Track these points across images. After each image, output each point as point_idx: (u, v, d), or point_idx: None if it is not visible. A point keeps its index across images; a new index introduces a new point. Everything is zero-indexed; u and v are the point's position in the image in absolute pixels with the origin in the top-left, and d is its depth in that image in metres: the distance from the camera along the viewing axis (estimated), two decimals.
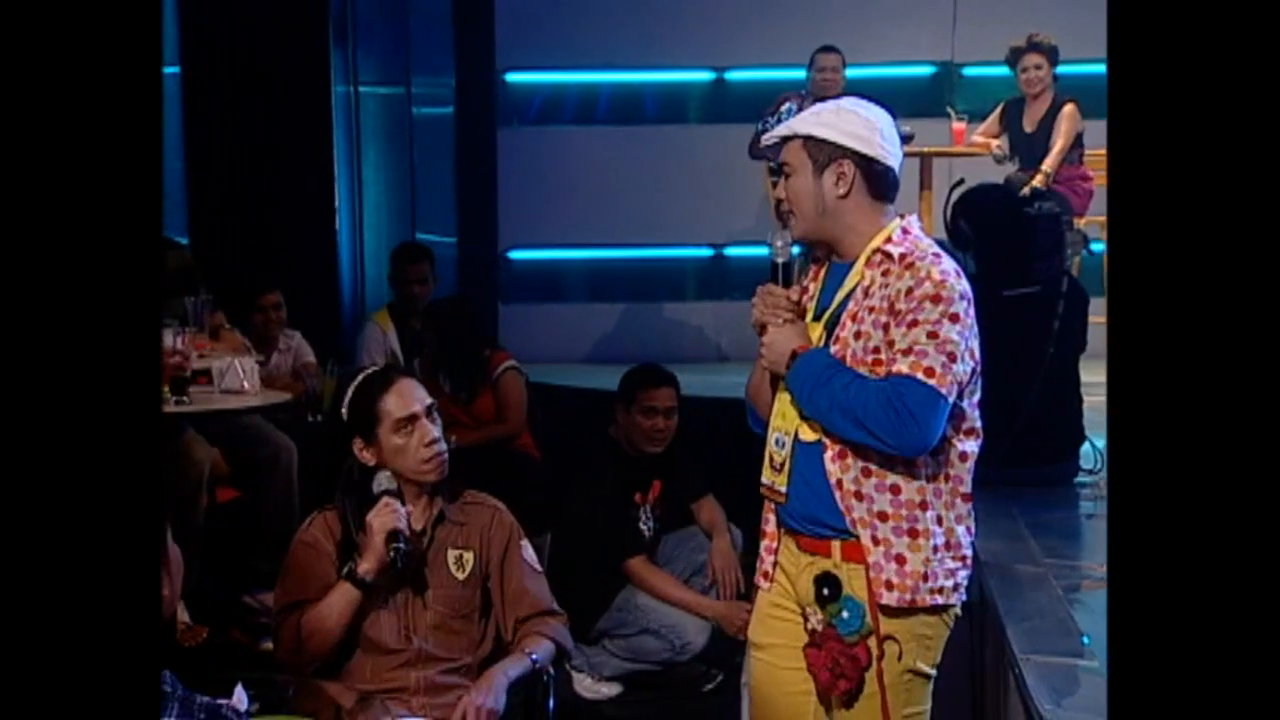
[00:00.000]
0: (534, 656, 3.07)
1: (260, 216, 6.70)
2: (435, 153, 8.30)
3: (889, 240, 2.63)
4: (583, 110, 8.47)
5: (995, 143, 7.00)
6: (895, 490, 2.60)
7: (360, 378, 3.17)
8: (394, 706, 2.96)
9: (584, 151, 8.34)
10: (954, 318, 2.54)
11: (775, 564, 2.79)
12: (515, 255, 8.48)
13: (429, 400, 3.10)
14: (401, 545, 2.94)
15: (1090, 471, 4.79)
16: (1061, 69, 6.90)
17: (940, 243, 2.72)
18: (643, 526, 4.74)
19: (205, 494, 4.82)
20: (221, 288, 5.33)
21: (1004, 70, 7.09)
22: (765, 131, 2.76)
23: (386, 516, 2.95)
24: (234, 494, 5.19)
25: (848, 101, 2.73)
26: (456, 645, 3.07)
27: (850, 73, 7.06)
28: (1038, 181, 6.47)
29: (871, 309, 2.60)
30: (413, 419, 3.03)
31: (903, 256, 2.59)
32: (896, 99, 7.91)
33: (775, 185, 6.79)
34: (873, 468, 2.60)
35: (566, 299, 8.60)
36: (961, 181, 5.13)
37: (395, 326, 6.05)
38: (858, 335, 2.61)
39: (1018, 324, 4.64)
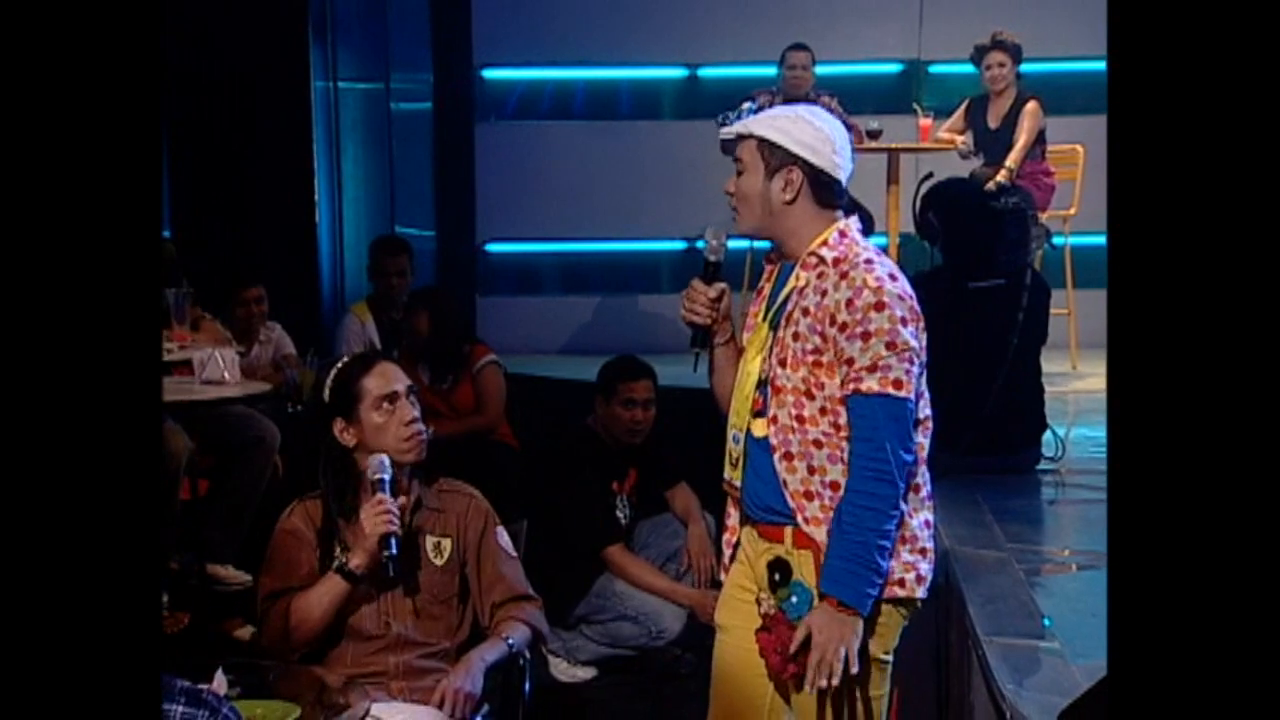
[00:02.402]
0: (511, 641, 3.11)
1: (241, 210, 6.69)
2: (414, 147, 8.30)
3: (825, 244, 2.68)
4: (559, 106, 8.47)
5: (961, 138, 7.00)
6: (840, 488, 2.62)
7: (342, 361, 3.20)
8: (373, 691, 2.99)
9: (560, 146, 8.34)
10: (904, 320, 2.59)
11: (733, 557, 2.86)
12: (492, 248, 8.48)
13: (409, 382, 3.13)
14: (394, 551, 2.95)
15: (1052, 459, 4.84)
16: (1024, 67, 6.93)
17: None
18: (619, 514, 4.79)
19: (185, 482, 4.85)
20: (203, 281, 5.36)
21: (969, 68, 7.11)
22: (724, 125, 2.82)
23: (380, 520, 2.96)
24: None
25: (805, 110, 2.78)
26: (435, 630, 3.10)
27: (820, 70, 7.09)
28: (1001, 177, 6.46)
29: (806, 311, 2.64)
30: (394, 396, 3.06)
31: (836, 261, 2.64)
32: (865, 95, 8.07)
33: None
34: (816, 465, 2.64)
35: (542, 291, 8.59)
36: (930, 175, 5.15)
37: (374, 318, 6.09)
38: (795, 337, 2.66)
39: (983, 315, 4.68)
